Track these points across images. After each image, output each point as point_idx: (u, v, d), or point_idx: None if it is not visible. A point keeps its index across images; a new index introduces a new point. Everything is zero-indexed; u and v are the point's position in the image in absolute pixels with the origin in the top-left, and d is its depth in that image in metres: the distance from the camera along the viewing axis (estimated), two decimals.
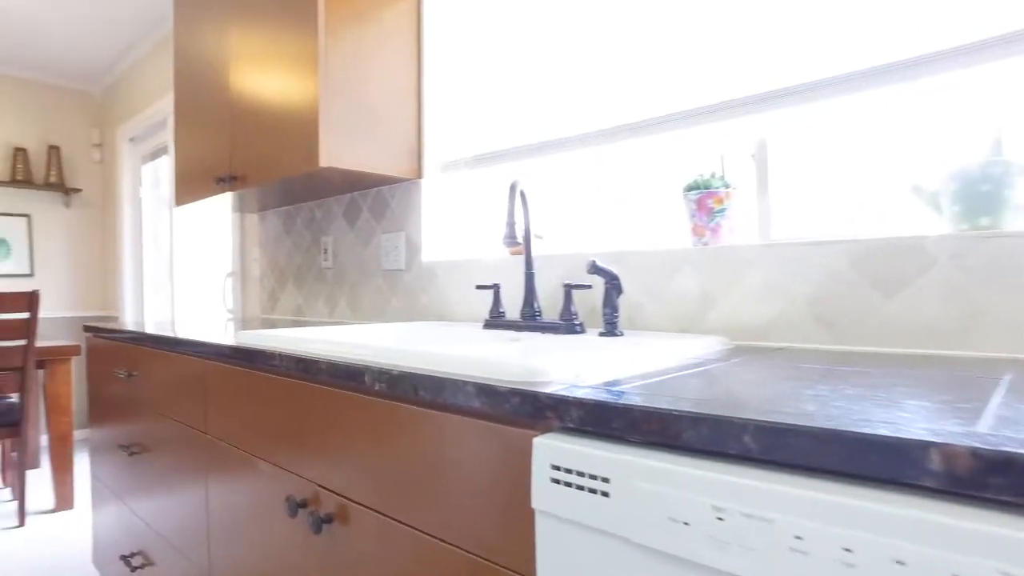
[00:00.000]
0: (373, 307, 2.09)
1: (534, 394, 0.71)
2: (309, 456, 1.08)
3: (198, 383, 1.46)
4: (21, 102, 4.34)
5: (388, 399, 0.92)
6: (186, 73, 2.38)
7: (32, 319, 2.84)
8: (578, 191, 1.69)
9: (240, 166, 2.03)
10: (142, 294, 4.12)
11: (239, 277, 2.83)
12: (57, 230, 4.47)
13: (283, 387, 1.15)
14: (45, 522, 2.97)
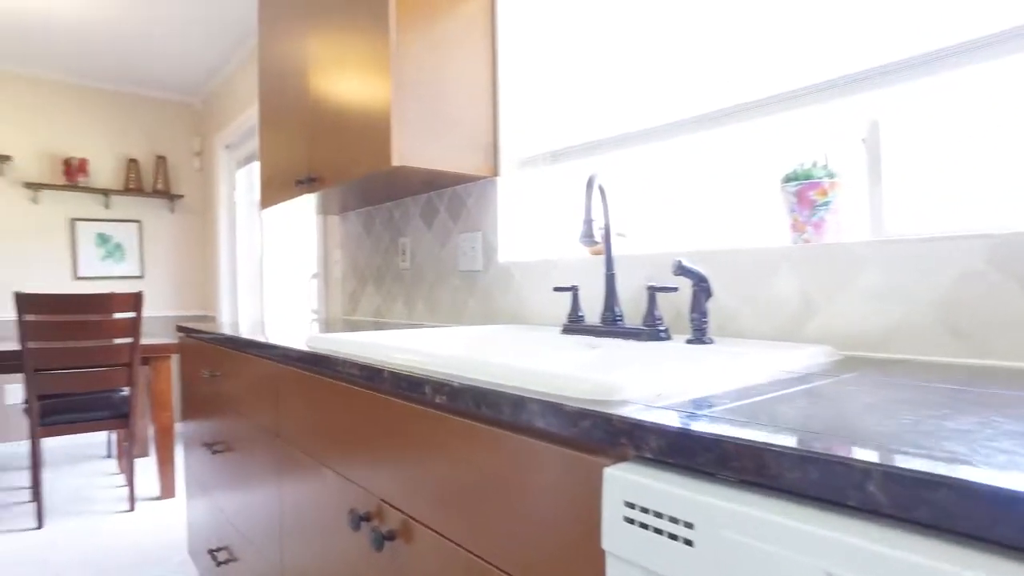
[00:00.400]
0: (451, 309, 2.05)
1: (606, 416, 0.61)
2: (373, 468, 1.03)
3: (271, 386, 1.46)
4: (133, 117, 4.63)
5: (450, 413, 0.85)
6: (269, 81, 2.42)
7: (137, 318, 2.99)
8: (663, 186, 1.57)
9: (318, 168, 2.03)
10: (236, 295, 4.30)
11: (322, 278, 2.87)
12: (163, 234, 4.74)
13: (348, 394, 1.10)
14: (151, 508, 3.13)
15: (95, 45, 3.86)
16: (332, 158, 1.94)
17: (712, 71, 1.43)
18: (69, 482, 3.57)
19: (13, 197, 4.23)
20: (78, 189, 4.32)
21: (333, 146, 1.93)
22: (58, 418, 2.96)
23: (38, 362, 2.86)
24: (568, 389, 0.71)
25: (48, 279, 4.32)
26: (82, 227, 4.43)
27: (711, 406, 0.63)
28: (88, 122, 4.47)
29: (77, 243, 4.40)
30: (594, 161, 1.70)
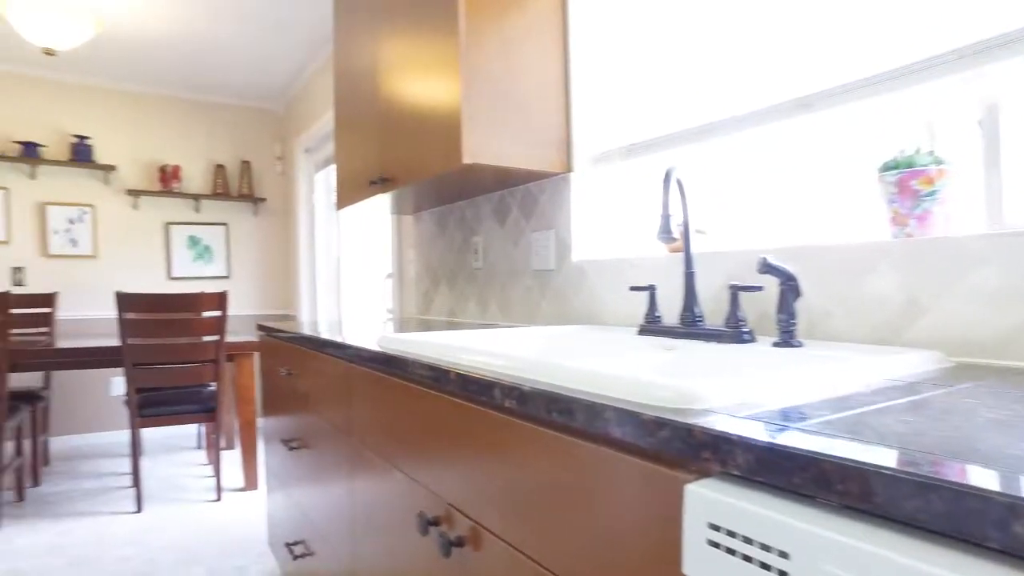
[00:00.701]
0: (523, 309, 2.02)
1: (686, 427, 0.56)
2: (442, 471, 1.01)
3: (344, 385, 1.47)
4: (220, 124, 4.85)
5: (519, 418, 0.82)
6: (343, 85, 2.46)
7: (222, 317, 3.12)
8: (745, 180, 1.48)
9: (390, 168, 2.05)
10: (315, 294, 4.43)
11: (396, 278, 2.90)
12: (247, 236, 4.94)
13: (418, 395, 1.09)
14: (236, 499, 3.25)
15: (185, 60, 4.07)
16: (404, 158, 1.95)
17: (799, 52, 1.33)
18: (164, 470, 3.77)
19: (117, 204, 4.51)
20: (172, 195, 4.56)
21: (405, 146, 1.94)
22: (154, 410, 3.12)
23: (136, 357, 3.03)
24: (645, 395, 0.66)
25: (146, 280, 4.58)
26: (175, 230, 4.67)
27: (807, 418, 0.56)
28: (180, 131, 4.71)
29: (171, 245, 4.65)
30: (670, 155, 1.63)
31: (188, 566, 2.48)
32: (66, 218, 4.36)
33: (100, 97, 4.49)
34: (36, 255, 4.32)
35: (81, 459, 4.04)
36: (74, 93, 4.43)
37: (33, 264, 4.31)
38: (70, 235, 4.37)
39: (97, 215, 4.46)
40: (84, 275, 4.43)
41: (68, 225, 4.36)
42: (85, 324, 4.40)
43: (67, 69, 4.29)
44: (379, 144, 2.13)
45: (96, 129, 4.46)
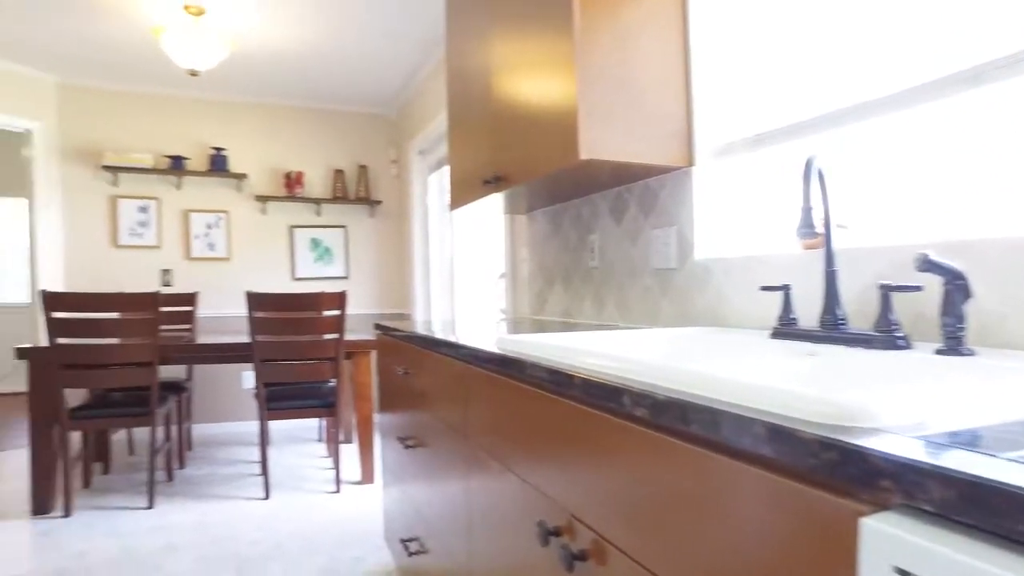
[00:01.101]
0: (642, 309, 1.94)
1: (860, 452, 0.48)
2: (563, 479, 0.96)
3: (460, 386, 1.46)
4: (339, 131, 5.08)
5: (652, 428, 0.76)
6: (456, 86, 2.48)
7: (341, 316, 3.25)
8: (895, 166, 1.33)
9: (504, 167, 2.03)
10: (429, 294, 4.53)
11: (510, 278, 2.89)
12: (365, 238, 5.15)
13: (537, 399, 1.05)
14: (354, 492, 3.38)
15: (308, 72, 4.28)
16: (518, 156, 1.93)
17: (955, 22, 1.18)
18: (288, 460, 3.99)
19: (247, 209, 4.83)
20: (295, 199, 4.83)
21: (519, 144, 1.91)
22: (279, 404, 3.30)
23: (264, 354, 3.21)
24: (801, 409, 0.59)
25: (272, 280, 4.88)
26: (299, 233, 4.94)
27: (1016, 445, 0.47)
28: (303, 139, 4.98)
29: (295, 247, 4.92)
30: (804, 143, 1.50)
31: (311, 554, 2.59)
32: (205, 223, 4.72)
33: (234, 111, 4.83)
34: (181, 258, 4.70)
35: (218, 446, 4.35)
36: (212, 109, 4.78)
37: (178, 266, 4.70)
38: (208, 239, 4.73)
39: (230, 220, 4.79)
40: (219, 276, 4.77)
41: (207, 230, 4.72)
42: (220, 322, 4.74)
43: (206, 87, 4.63)
44: (492, 143, 2.12)
45: (230, 141, 4.80)
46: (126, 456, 4.11)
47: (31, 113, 4.35)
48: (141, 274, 4.62)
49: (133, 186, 4.61)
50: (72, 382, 3.01)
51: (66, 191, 4.48)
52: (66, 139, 4.49)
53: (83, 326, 2.97)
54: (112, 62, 4.16)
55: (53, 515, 3.04)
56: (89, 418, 3.07)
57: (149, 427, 3.11)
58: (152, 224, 4.62)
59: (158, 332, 3.07)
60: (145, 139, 4.64)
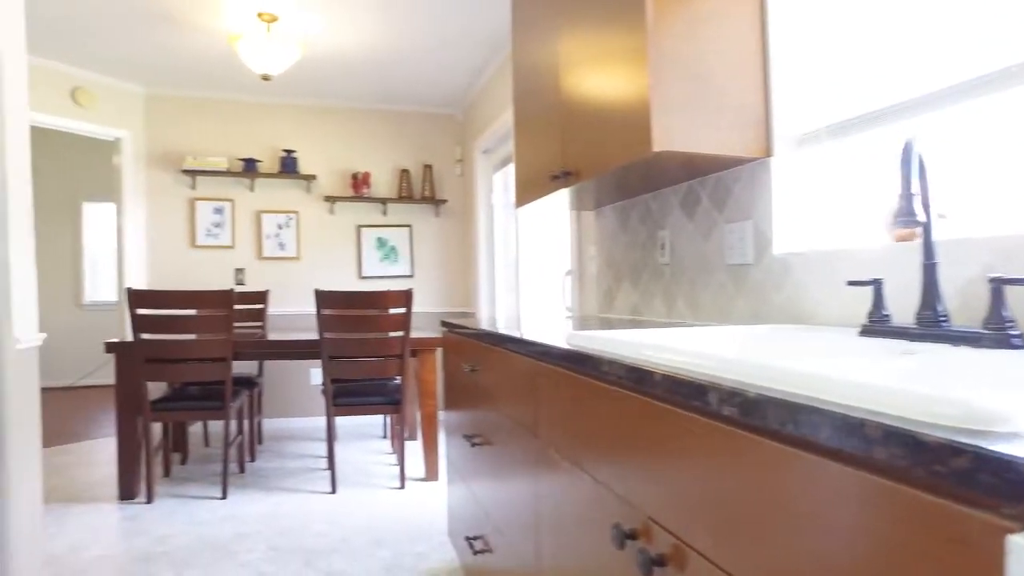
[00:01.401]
0: (715, 307, 1.87)
1: (1003, 459, 0.43)
2: (640, 480, 0.92)
3: (529, 383, 1.43)
4: (404, 131, 5.15)
5: (741, 428, 0.71)
6: (522, 83, 2.46)
7: (407, 313, 3.28)
8: (997, 151, 1.22)
9: (572, 162, 1.99)
10: (494, 292, 4.53)
11: (576, 275, 2.85)
12: (429, 237, 5.19)
13: (613, 397, 1.01)
14: (418, 488, 3.40)
15: (375, 74, 4.35)
16: (588, 151, 1.89)
17: None
18: (354, 456, 4.05)
19: (316, 210, 4.95)
20: (362, 199, 4.92)
21: (588, 138, 1.87)
22: (346, 400, 3.35)
23: (331, 350, 3.27)
24: (918, 410, 0.53)
25: (339, 279, 4.98)
26: (365, 232, 5.03)
27: None
28: (370, 140, 5.07)
29: (361, 247, 5.02)
30: (894, 129, 1.40)
31: (375, 547, 2.61)
32: (276, 224, 4.86)
33: (303, 114, 4.96)
34: (253, 258, 4.86)
35: (286, 440, 4.47)
36: (283, 112, 4.92)
37: (251, 266, 4.86)
38: (279, 239, 4.87)
39: (300, 220, 4.92)
40: (289, 275, 4.91)
41: (277, 230, 4.86)
42: (289, 319, 4.88)
43: (277, 92, 4.78)
44: (561, 139, 2.08)
45: (300, 143, 4.93)
46: (202, 448, 4.27)
47: (121, 123, 4.59)
48: (216, 273, 4.80)
49: (209, 188, 4.80)
50: (153, 375, 3.14)
51: (149, 195, 4.70)
52: (151, 146, 4.71)
53: (163, 322, 3.10)
54: (192, 71, 4.33)
55: (137, 501, 3.18)
56: (168, 410, 3.20)
57: (223, 420, 3.22)
58: (227, 225, 4.79)
59: (232, 328, 3.17)
60: (221, 143, 4.82)
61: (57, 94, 4.29)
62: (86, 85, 4.42)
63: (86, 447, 4.33)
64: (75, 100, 4.39)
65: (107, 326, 6.97)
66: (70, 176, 6.89)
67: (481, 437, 1.89)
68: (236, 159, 4.79)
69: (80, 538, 2.73)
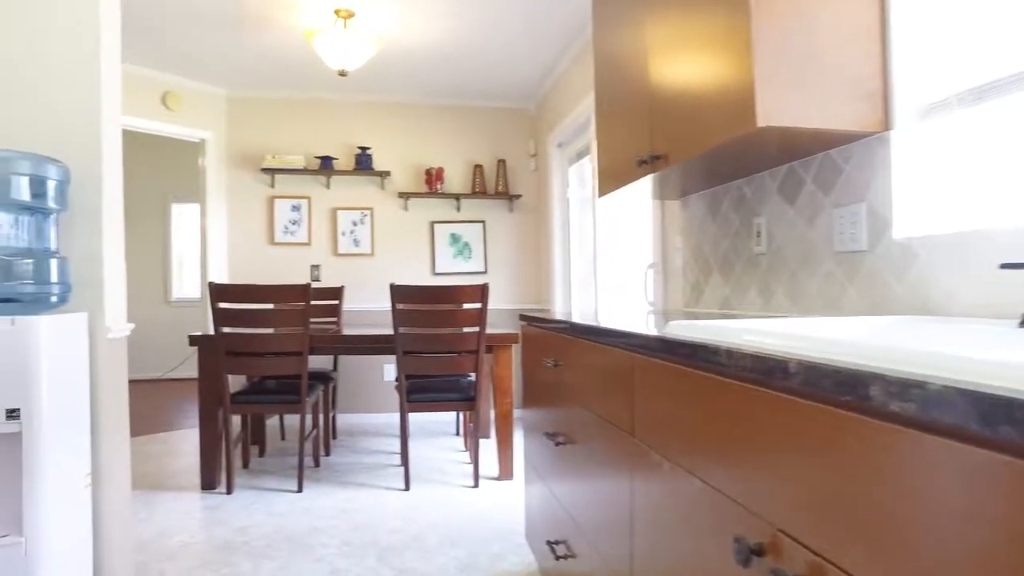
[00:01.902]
0: (822, 298, 1.70)
1: None
2: (767, 487, 0.80)
3: (624, 378, 1.32)
4: (478, 126, 5.11)
5: (914, 427, 0.58)
6: (604, 73, 2.35)
7: (483, 309, 3.21)
8: None
9: (662, 145, 1.87)
10: (569, 288, 4.42)
11: (659, 268, 2.71)
12: (503, 233, 5.13)
13: (732, 392, 0.89)
14: (492, 487, 3.33)
15: (448, 69, 4.33)
16: (679, 132, 1.76)
17: None
18: (427, 452, 4.03)
19: (390, 206, 4.97)
20: (436, 195, 4.90)
21: (681, 119, 1.74)
22: (420, 396, 3.32)
23: (406, 346, 3.24)
24: None
25: (413, 275, 4.99)
26: (439, 228, 5.02)
27: None
28: (442, 135, 5.05)
29: (435, 243, 5.00)
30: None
31: (449, 546, 2.55)
32: (351, 220, 4.91)
33: (377, 111, 4.99)
34: (328, 254, 4.93)
35: (360, 435, 4.50)
36: (358, 109, 4.97)
37: (326, 262, 4.93)
38: (353, 236, 4.91)
39: (374, 217, 4.95)
40: (363, 271, 4.95)
41: (352, 227, 4.91)
42: (362, 316, 4.91)
43: (352, 89, 4.82)
44: (648, 123, 1.96)
45: (374, 140, 4.96)
46: (278, 441, 4.35)
47: (206, 124, 4.75)
48: (293, 270, 4.89)
49: (287, 186, 4.89)
50: (233, 368, 3.19)
51: (230, 193, 4.84)
52: (232, 146, 4.85)
53: (242, 316, 3.14)
54: (271, 71, 4.42)
55: (218, 491, 3.24)
56: (247, 403, 3.24)
57: (299, 414, 3.24)
58: (303, 222, 4.87)
59: (309, 322, 3.18)
60: (298, 142, 4.91)
61: (149, 99, 4.47)
62: (175, 89, 4.58)
63: (173, 437, 4.48)
64: (165, 104, 4.56)
65: (192, 322, 7.26)
66: (160, 178, 7.21)
67: (565, 436, 1.79)
68: (313, 157, 4.87)
69: (167, 525, 2.79)
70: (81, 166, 1.89)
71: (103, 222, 1.88)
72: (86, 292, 1.86)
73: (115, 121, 2.02)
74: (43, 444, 1.59)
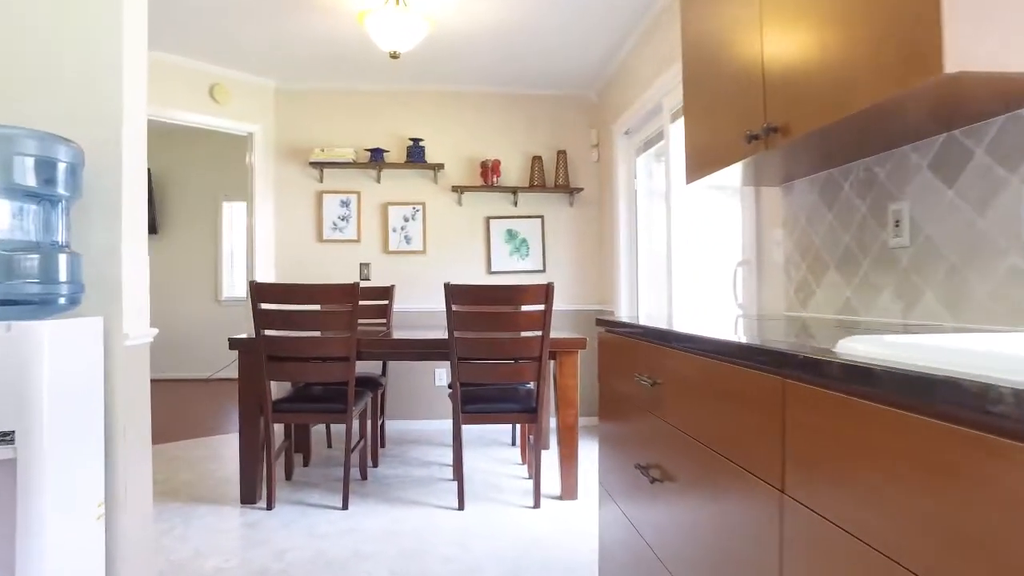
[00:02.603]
0: (997, 302, 1.32)
1: None
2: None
3: (768, 412, 0.98)
4: (535, 116, 4.79)
5: None
6: (695, 51, 2.02)
7: (547, 310, 2.89)
8: None
9: (779, 115, 1.51)
10: (636, 288, 4.05)
11: (753, 266, 2.34)
12: (562, 229, 4.80)
13: (955, 444, 0.54)
14: (554, 508, 3.01)
15: (503, 55, 4.02)
16: (807, 96, 1.40)
17: None
18: (481, 465, 3.73)
19: (443, 201, 4.70)
20: (491, 189, 4.61)
21: (809, 82, 1.38)
22: (475, 407, 3.02)
23: (462, 351, 2.95)
24: None
25: (467, 274, 4.70)
26: (495, 224, 4.72)
27: None
28: (498, 125, 4.75)
29: (491, 239, 4.71)
30: None
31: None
32: (402, 216, 4.66)
33: (430, 100, 4.73)
34: (378, 252, 4.69)
35: (410, 444, 4.23)
36: (409, 99, 4.72)
37: (376, 260, 4.69)
38: (405, 232, 4.66)
39: (426, 212, 4.69)
40: (414, 270, 4.69)
41: (403, 223, 4.66)
42: (413, 316, 4.65)
43: (404, 78, 4.57)
44: (761, 92, 1.60)
45: (427, 131, 4.70)
46: (324, 449, 4.12)
47: (253, 117, 4.58)
48: (341, 269, 4.67)
49: (336, 181, 4.67)
50: (275, 374, 2.95)
51: (278, 188, 4.65)
52: (280, 139, 4.66)
53: (285, 317, 2.90)
54: (321, 60, 4.20)
55: (258, 506, 3.01)
56: (290, 411, 3.00)
57: (345, 424, 2.99)
58: (352, 218, 4.65)
59: (357, 325, 2.92)
60: (348, 134, 4.69)
61: (196, 92, 4.31)
62: (222, 81, 4.41)
63: (217, 442, 4.31)
64: (213, 97, 4.40)
65: (242, 321, 7.15)
66: (211, 176, 7.13)
67: (662, 471, 1.45)
68: (363, 150, 4.63)
69: (202, 544, 2.56)
70: (98, 148, 1.64)
71: (122, 213, 1.63)
72: (102, 293, 1.62)
73: (139, 100, 1.77)
74: (43, 472, 1.35)
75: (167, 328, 7.09)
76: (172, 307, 7.06)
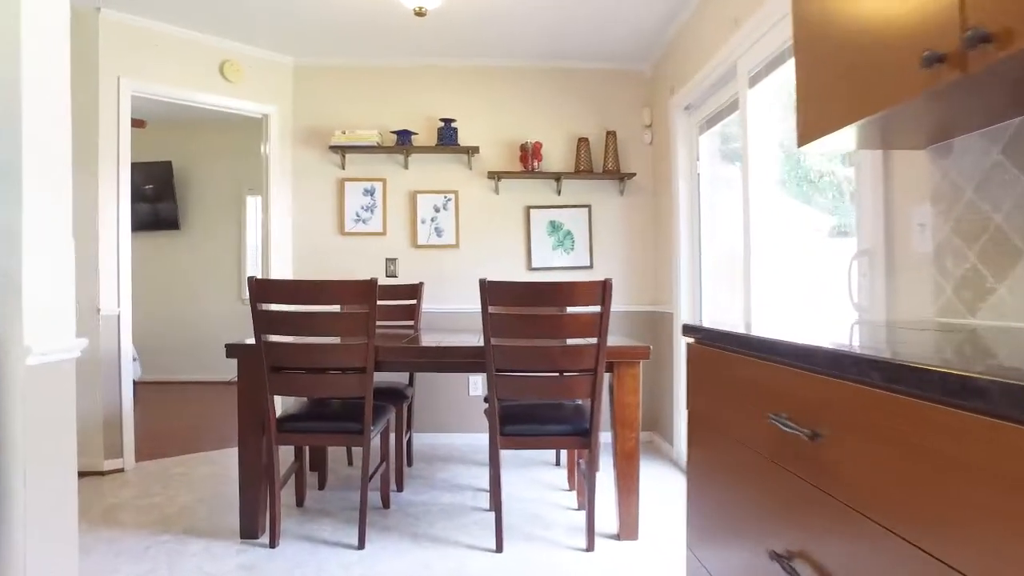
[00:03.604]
0: None
1: None
2: None
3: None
4: (581, 92, 4.27)
5: None
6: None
7: (603, 313, 2.37)
8: None
9: (995, 11, 0.97)
10: (700, 286, 3.50)
11: (880, 256, 1.79)
12: (611, 219, 4.26)
13: None
14: (611, 551, 2.50)
15: (542, 21, 3.52)
16: None
17: None
18: (521, 491, 3.22)
19: (478, 188, 4.22)
20: (532, 175, 4.10)
21: None
22: (517, 428, 2.51)
23: (501, 361, 2.45)
24: None
25: (504, 271, 4.20)
26: (535, 215, 4.21)
27: None
28: (540, 104, 4.25)
29: (531, 232, 4.20)
30: None
31: None
32: (432, 206, 4.19)
33: (463, 77, 4.24)
34: (407, 246, 4.23)
35: (439, 462, 3.75)
36: (440, 75, 4.24)
37: (404, 255, 4.23)
38: (435, 224, 4.19)
39: (459, 201, 4.21)
40: (446, 266, 4.22)
41: (434, 214, 4.19)
42: (445, 318, 4.17)
43: (434, 51, 4.10)
44: None
45: (459, 111, 4.21)
46: (344, 468, 3.66)
47: (268, 97, 4.17)
48: (366, 264, 4.22)
49: (360, 167, 4.23)
50: (278, 388, 2.50)
51: (296, 176, 4.23)
52: (297, 121, 4.24)
53: (290, 320, 2.44)
54: (341, 30, 3.74)
55: (260, 542, 2.55)
56: (297, 431, 2.54)
57: (361, 447, 2.51)
58: (377, 209, 4.19)
59: (374, 330, 2.45)
60: (372, 115, 4.23)
61: (204, 69, 3.91)
62: (234, 57, 4.00)
63: (227, 457, 3.88)
64: (223, 74, 3.99)
65: None
66: (235, 168, 6.78)
67: (808, 561, 0.92)
68: (389, 132, 4.16)
69: None
70: None
71: (22, 187, 1.17)
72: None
73: (53, 38, 1.31)
74: None
75: (189, 329, 6.75)
76: (195, 307, 6.73)
